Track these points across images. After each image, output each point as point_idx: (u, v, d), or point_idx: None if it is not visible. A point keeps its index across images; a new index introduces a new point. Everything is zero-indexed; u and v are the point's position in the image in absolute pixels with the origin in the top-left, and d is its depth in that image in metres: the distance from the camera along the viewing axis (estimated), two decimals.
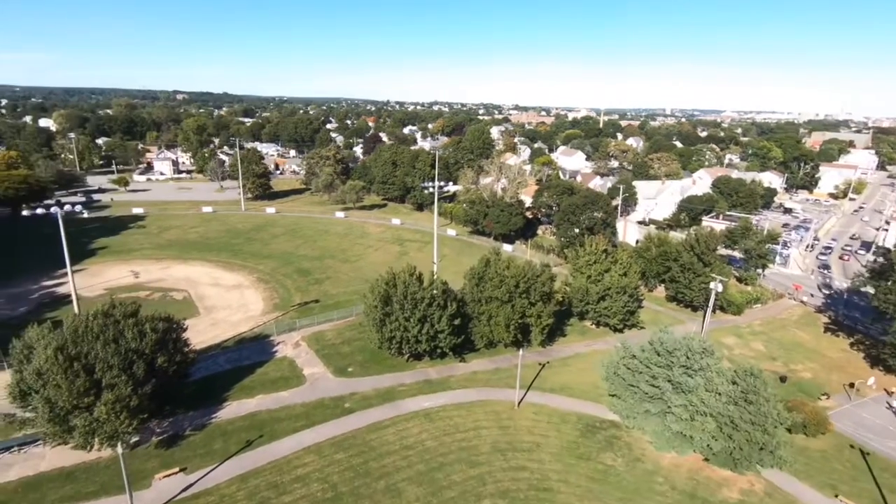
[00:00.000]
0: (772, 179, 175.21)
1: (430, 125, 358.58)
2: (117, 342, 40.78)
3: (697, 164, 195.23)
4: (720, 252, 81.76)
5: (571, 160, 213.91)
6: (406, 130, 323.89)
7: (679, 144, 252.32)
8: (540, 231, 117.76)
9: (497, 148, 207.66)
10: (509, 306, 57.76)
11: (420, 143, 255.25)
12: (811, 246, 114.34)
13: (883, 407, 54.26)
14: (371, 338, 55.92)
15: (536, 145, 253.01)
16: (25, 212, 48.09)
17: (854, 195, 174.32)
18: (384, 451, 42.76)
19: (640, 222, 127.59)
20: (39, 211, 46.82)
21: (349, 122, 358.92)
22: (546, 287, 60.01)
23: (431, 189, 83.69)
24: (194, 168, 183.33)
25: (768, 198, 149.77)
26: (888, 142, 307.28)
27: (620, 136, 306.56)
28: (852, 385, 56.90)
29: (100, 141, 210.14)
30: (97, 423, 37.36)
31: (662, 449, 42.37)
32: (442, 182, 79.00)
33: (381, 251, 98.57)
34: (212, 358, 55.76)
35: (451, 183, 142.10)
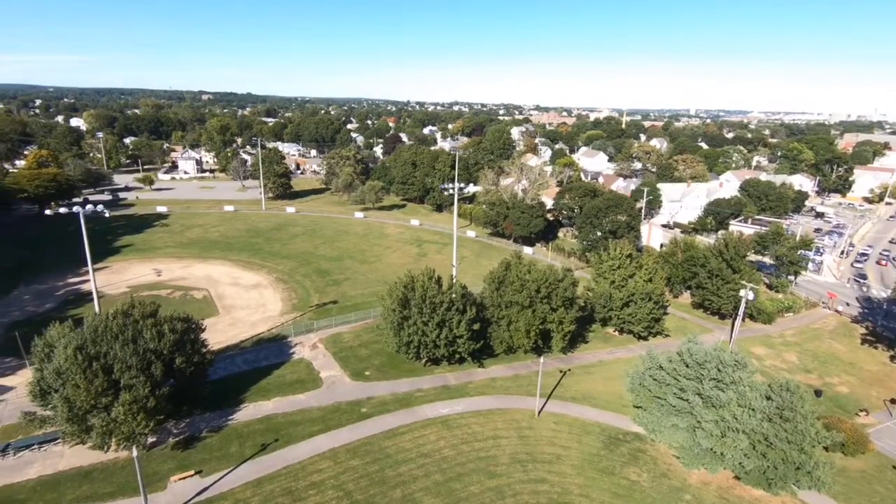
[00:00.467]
0: (802, 182, 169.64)
1: (450, 125, 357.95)
2: (136, 342, 40.73)
3: (724, 167, 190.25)
4: (749, 258, 78.77)
5: (593, 161, 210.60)
6: (426, 131, 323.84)
7: (704, 146, 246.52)
8: (561, 234, 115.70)
9: (518, 149, 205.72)
10: (530, 311, 56.32)
11: (440, 144, 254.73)
12: (845, 252, 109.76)
13: None
14: (389, 341, 55.08)
15: (557, 146, 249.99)
16: (48, 211, 48.26)
17: (891, 199, 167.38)
18: (400, 459, 41.80)
19: (665, 226, 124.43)
20: (62, 210, 47.05)
21: (370, 123, 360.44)
22: (568, 292, 58.41)
23: (451, 190, 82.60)
24: (217, 167, 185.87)
25: (799, 201, 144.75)
26: None
27: (644, 138, 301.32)
28: (894, 401, 53.89)
29: (127, 140, 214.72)
30: (114, 424, 37.26)
31: (691, 465, 40.47)
32: (462, 184, 77.76)
33: (400, 252, 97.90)
34: (229, 358, 55.63)
35: (472, 184, 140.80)
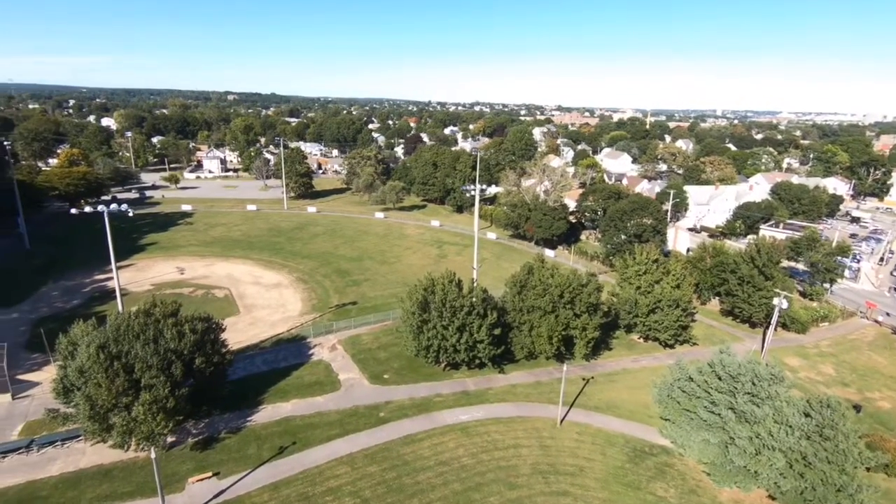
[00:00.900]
0: (837, 186, 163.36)
1: (472, 126, 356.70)
2: (157, 342, 40.77)
3: (753, 169, 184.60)
4: (781, 264, 75.67)
5: (617, 163, 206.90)
6: (447, 131, 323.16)
7: (732, 147, 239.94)
8: (584, 236, 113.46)
9: (539, 149, 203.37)
10: (553, 317, 54.87)
11: (461, 144, 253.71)
12: (884, 259, 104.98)
13: None
14: (408, 345, 54.30)
15: (580, 147, 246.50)
16: (73, 210, 48.84)
17: None
18: (419, 467, 40.93)
19: (691, 229, 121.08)
20: (87, 209, 47.56)
21: (391, 123, 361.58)
22: (592, 298, 56.75)
23: (472, 192, 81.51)
24: (241, 167, 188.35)
25: (833, 205, 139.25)
26: None
27: (668, 139, 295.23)
28: None
29: (154, 140, 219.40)
30: (134, 423, 37.27)
31: (722, 483, 38.59)
32: (483, 185, 76.65)
33: (420, 253, 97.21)
34: (249, 358, 55.61)
35: (493, 185, 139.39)
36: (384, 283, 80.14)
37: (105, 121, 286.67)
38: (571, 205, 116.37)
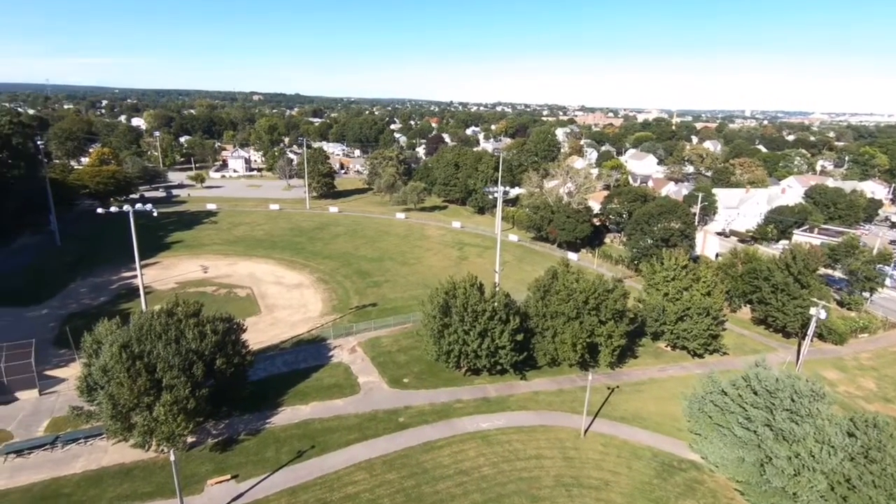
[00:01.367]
0: (875, 189, 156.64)
1: (493, 126, 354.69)
2: (178, 342, 40.79)
3: (785, 171, 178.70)
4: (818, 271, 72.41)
5: (642, 164, 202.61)
6: (469, 131, 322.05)
7: (763, 149, 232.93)
8: (608, 239, 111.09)
9: (563, 150, 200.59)
10: (577, 323, 53.38)
11: (483, 145, 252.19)
12: None
13: None
14: (428, 349, 53.46)
15: (604, 148, 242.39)
16: (100, 210, 49.43)
17: None
18: (438, 475, 40.01)
19: (720, 233, 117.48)
20: (113, 209, 48.07)
21: (413, 123, 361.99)
22: (618, 304, 55.03)
23: (495, 194, 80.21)
24: (264, 166, 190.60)
25: (871, 210, 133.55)
26: None
27: (695, 140, 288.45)
28: None
29: (182, 139, 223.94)
30: (156, 424, 37.29)
31: None
32: (506, 187, 75.39)
33: (441, 255, 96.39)
34: (269, 359, 55.54)
35: (516, 186, 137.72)
36: (404, 285, 79.54)
37: (135, 121, 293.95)
38: (595, 207, 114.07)
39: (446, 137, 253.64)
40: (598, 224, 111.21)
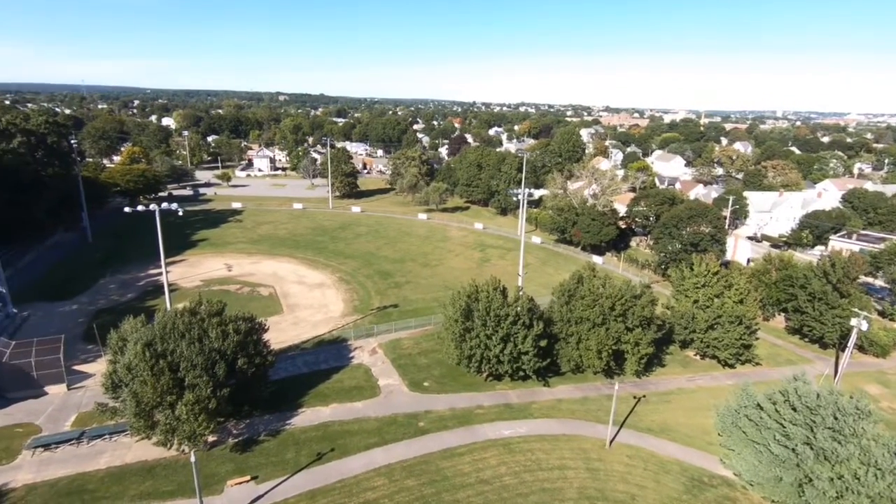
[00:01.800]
0: None
1: (517, 127, 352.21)
2: (201, 341, 40.88)
3: (821, 174, 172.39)
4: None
5: (669, 166, 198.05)
6: (492, 132, 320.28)
7: (796, 151, 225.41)
8: (633, 243, 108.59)
9: (587, 151, 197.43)
10: (602, 329, 51.87)
11: (505, 145, 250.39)
12: None
13: None
14: (449, 353, 52.62)
15: (629, 149, 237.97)
16: (127, 209, 50.08)
17: None
18: (458, 483, 39.15)
19: (751, 238, 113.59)
20: (140, 208, 48.66)
21: (436, 123, 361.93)
22: (646, 311, 53.28)
23: (518, 195, 78.87)
24: (289, 166, 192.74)
25: None
26: None
27: (725, 141, 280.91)
28: None
29: (210, 139, 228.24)
30: (177, 422, 37.41)
31: None
32: (530, 189, 74.10)
33: (462, 257, 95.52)
34: (290, 359, 55.53)
35: (540, 187, 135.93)
36: (426, 287, 78.94)
37: (165, 120, 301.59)
38: (621, 210, 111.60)
39: (469, 138, 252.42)
40: (624, 227, 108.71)
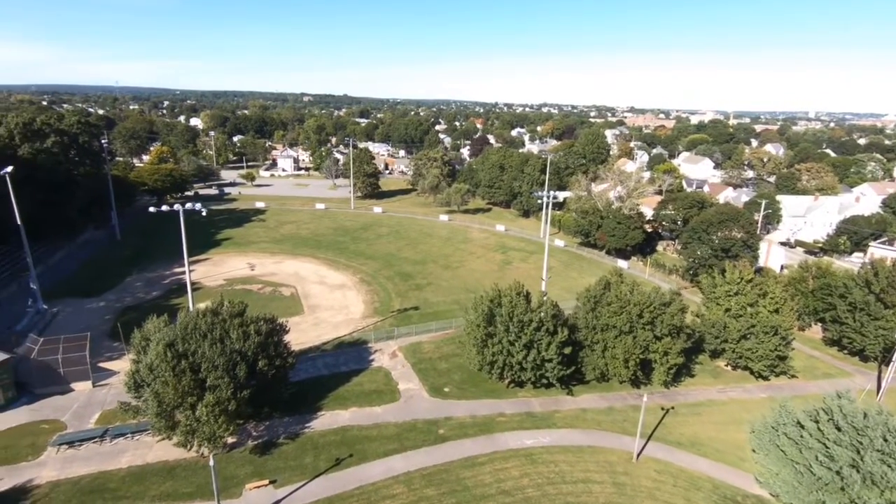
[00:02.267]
0: None
1: (539, 128, 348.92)
2: (223, 342, 40.78)
3: (858, 178, 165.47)
4: None
5: (697, 168, 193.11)
6: (514, 133, 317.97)
7: (831, 153, 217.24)
8: (660, 247, 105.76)
9: (612, 153, 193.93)
10: (630, 338, 50.13)
11: (528, 146, 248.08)
12: None
13: None
14: (470, 358, 51.58)
15: (655, 151, 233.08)
16: (151, 209, 50.46)
17: None
18: (479, 494, 38.08)
19: (784, 243, 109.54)
20: (164, 208, 48.99)
21: (457, 124, 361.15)
22: (676, 319, 51.35)
23: (542, 198, 77.30)
24: (312, 166, 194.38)
25: None
26: None
27: (755, 142, 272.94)
28: None
29: (235, 139, 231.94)
30: (198, 423, 37.28)
31: None
32: (554, 191, 72.60)
33: (484, 259, 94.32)
34: (311, 360, 55.24)
35: (564, 189, 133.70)
36: (447, 289, 78.05)
37: (193, 121, 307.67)
38: (647, 213, 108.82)
39: (491, 139, 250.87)
40: (650, 231, 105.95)
